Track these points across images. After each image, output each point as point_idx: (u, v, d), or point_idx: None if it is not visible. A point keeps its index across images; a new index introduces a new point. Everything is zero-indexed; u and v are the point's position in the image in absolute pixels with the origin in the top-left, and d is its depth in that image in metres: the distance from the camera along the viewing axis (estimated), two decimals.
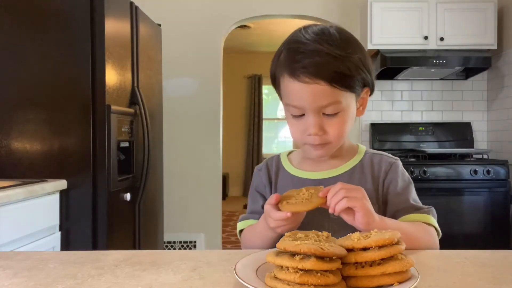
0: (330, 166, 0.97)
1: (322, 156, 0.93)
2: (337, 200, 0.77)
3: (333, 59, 0.83)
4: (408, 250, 0.79)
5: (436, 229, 0.91)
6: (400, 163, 0.99)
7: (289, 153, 1.05)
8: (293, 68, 0.85)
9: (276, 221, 0.81)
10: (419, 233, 0.87)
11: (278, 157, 1.04)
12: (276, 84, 0.93)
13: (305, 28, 0.90)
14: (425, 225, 0.90)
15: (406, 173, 0.99)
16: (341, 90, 0.85)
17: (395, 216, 0.93)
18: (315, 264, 0.56)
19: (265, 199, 1.00)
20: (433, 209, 0.94)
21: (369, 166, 0.97)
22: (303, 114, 0.87)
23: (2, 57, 2.02)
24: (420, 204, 0.95)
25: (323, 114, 0.86)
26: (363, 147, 1.02)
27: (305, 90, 0.84)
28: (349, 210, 0.78)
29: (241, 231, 1.02)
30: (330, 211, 0.78)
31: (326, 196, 0.79)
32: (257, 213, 1.00)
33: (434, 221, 0.92)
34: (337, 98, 0.85)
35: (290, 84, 0.86)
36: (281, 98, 0.94)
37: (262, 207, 0.98)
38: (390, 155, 1.00)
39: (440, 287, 0.63)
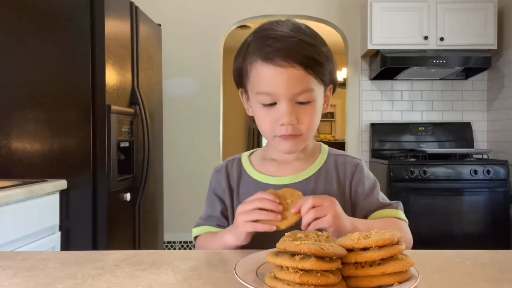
0: (294, 169, 0.94)
1: (292, 150, 0.89)
2: (308, 220, 0.76)
3: (305, 44, 0.83)
4: (408, 250, 0.79)
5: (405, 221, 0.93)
6: (364, 163, 0.98)
7: (251, 153, 1.00)
8: (266, 52, 0.83)
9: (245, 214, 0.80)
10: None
11: (239, 160, 0.99)
12: (243, 77, 0.89)
13: (274, 20, 0.89)
14: (395, 220, 0.91)
15: (371, 173, 0.98)
16: (314, 78, 0.84)
17: (366, 217, 0.93)
18: (315, 264, 0.56)
19: (224, 203, 0.97)
20: (400, 203, 0.95)
21: (334, 168, 0.95)
22: (275, 103, 0.84)
23: (2, 57, 2.02)
24: (388, 201, 0.95)
25: (296, 103, 0.84)
26: (326, 147, 0.99)
27: (280, 75, 0.82)
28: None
29: (196, 237, 0.99)
30: (303, 228, 0.77)
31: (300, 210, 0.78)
32: (214, 219, 0.96)
33: (402, 214, 0.92)
34: (310, 85, 0.84)
35: (264, 69, 0.83)
36: (246, 94, 0.91)
37: (221, 212, 0.96)
38: (354, 156, 0.99)
39: (440, 287, 0.63)
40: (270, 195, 0.79)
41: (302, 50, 0.82)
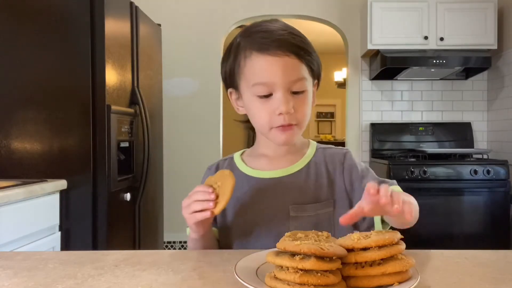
0: (286, 163, 0.95)
1: (289, 141, 0.91)
2: (398, 200, 0.66)
3: (296, 36, 0.88)
4: (408, 250, 0.79)
5: None
6: (351, 152, 1.00)
7: (242, 153, 1.03)
8: (261, 43, 0.86)
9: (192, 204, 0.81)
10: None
11: (231, 158, 1.02)
12: (234, 75, 0.91)
13: (261, 21, 0.94)
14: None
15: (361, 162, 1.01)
16: (305, 66, 0.88)
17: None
18: (315, 264, 0.56)
19: None
20: (395, 181, 0.98)
21: (323, 161, 0.97)
22: (271, 95, 0.87)
23: (2, 57, 2.02)
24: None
25: (290, 93, 0.87)
26: (314, 142, 1.02)
27: (276, 64, 0.85)
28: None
29: None
30: (393, 210, 0.65)
31: (231, 191, 0.79)
32: None
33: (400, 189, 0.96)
34: (303, 74, 0.88)
35: (259, 60, 0.86)
36: (236, 93, 0.94)
37: None
38: (340, 147, 1.01)
39: (440, 287, 0.63)
40: (202, 187, 0.82)
41: (293, 41, 0.87)
